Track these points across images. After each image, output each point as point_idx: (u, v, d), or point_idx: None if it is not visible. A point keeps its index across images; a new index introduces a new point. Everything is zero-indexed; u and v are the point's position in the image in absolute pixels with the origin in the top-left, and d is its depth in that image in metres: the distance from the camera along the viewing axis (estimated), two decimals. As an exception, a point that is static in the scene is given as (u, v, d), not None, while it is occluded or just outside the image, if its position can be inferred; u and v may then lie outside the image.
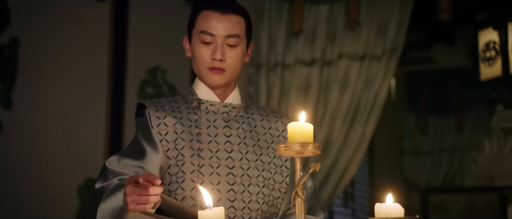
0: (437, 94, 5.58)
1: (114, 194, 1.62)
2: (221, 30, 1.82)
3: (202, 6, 1.87)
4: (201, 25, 1.84)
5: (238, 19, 1.84)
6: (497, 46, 4.60)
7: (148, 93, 3.71)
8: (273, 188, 1.83)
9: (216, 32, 1.82)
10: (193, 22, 1.88)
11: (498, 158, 5.58)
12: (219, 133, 1.83)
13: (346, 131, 3.84)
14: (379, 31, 3.86)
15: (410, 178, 5.63)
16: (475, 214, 5.41)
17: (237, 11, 1.85)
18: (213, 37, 1.82)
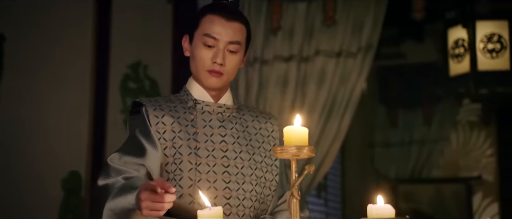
0: (406, 88, 5.68)
1: (124, 195, 1.65)
2: (224, 36, 1.86)
3: (207, 10, 1.90)
4: (205, 28, 1.87)
5: (240, 27, 1.89)
6: (466, 43, 4.70)
7: (130, 88, 3.72)
8: (264, 186, 1.87)
9: (220, 37, 1.86)
10: (197, 23, 1.90)
11: (464, 150, 5.71)
12: (214, 132, 1.86)
13: (322, 125, 3.89)
14: (354, 29, 3.92)
15: (380, 169, 5.73)
16: (442, 204, 5.53)
17: (241, 19, 1.90)
18: (216, 41, 1.86)
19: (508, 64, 4.67)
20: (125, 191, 1.67)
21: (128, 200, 1.63)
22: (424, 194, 5.55)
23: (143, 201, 1.55)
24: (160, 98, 1.95)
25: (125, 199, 1.64)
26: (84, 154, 3.43)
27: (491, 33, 4.68)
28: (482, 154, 5.66)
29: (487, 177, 5.59)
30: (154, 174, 1.80)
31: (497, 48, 4.67)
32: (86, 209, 3.40)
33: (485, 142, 5.67)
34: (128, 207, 1.63)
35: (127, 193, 1.65)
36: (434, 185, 5.60)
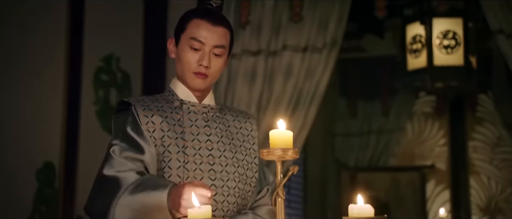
0: (366, 80, 5.77)
1: (149, 192, 1.69)
2: (210, 40, 1.89)
3: (194, 15, 1.93)
4: (192, 32, 1.90)
5: (225, 31, 1.92)
6: (423, 39, 4.82)
7: (102, 80, 3.70)
8: (245, 182, 1.93)
9: (206, 41, 1.89)
10: (184, 27, 1.93)
11: (419, 140, 5.86)
12: (200, 132, 1.90)
13: (288, 117, 3.95)
14: (320, 25, 3.97)
15: (340, 158, 5.83)
16: (398, 191, 5.67)
17: (225, 24, 1.94)
18: (202, 44, 1.89)
19: (462, 59, 4.80)
20: (149, 187, 1.70)
21: (156, 197, 1.67)
22: (381, 182, 5.67)
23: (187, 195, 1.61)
24: (146, 98, 1.98)
25: (151, 196, 1.68)
26: (58, 145, 3.41)
27: (447, 30, 4.81)
28: (435, 143, 5.82)
29: (440, 166, 5.75)
30: (152, 170, 1.83)
31: (452, 44, 4.80)
32: (60, 200, 3.39)
33: (438, 132, 5.83)
34: (156, 204, 1.67)
35: (153, 190, 1.69)
36: (390, 173, 5.74)
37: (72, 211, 3.46)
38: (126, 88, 3.85)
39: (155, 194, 1.68)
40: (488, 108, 5.72)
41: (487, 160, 5.68)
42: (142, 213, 1.69)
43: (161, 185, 1.70)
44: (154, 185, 1.71)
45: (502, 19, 3.81)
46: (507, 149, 5.63)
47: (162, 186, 1.69)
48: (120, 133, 1.90)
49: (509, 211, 5.58)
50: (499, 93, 5.50)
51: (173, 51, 1.99)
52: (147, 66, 3.97)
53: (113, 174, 1.79)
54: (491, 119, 5.70)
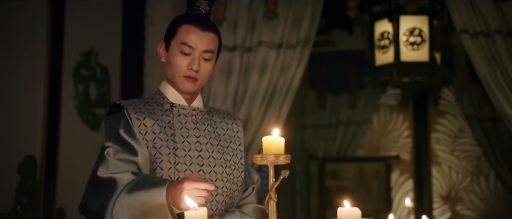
0: (334, 74, 5.85)
1: (148, 190, 1.72)
2: (200, 45, 1.93)
3: (184, 20, 1.97)
4: (182, 37, 1.93)
5: (214, 37, 1.96)
6: (390, 36, 4.91)
7: (82, 75, 3.70)
8: (233, 182, 1.97)
9: (195, 46, 1.93)
10: (174, 32, 1.96)
11: (384, 131, 5.98)
12: (190, 134, 1.94)
13: (263, 111, 4.01)
14: (294, 23, 4.04)
15: (310, 148, 5.91)
16: (364, 180, 5.79)
17: (214, 30, 1.98)
18: (192, 49, 1.93)
19: (427, 56, 4.91)
20: (147, 185, 1.74)
21: (155, 194, 1.71)
22: (348, 171, 5.78)
23: (187, 189, 1.65)
24: (138, 101, 2.00)
25: (150, 193, 1.72)
26: (39, 139, 3.40)
27: (413, 28, 4.90)
28: (400, 135, 5.95)
29: (404, 156, 5.89)
30: (144, 171, 1.87)
31: (417, 41, 4.90)
32: (41, 193, 3.39)
33: (403, 124, 5.96)
34: (156, 200, 1.70)
35: (152, 187, 1.73)
36: (357, 163, 5.84)
37: (53, 203, 3.47)
38: (105, 82, 3.85)
39: (153, 191, 1.72)
40: (450, 101, 5.88)
41: (449, 151, 5.84)
42: (141, 211, 1.72)
43: (159, 182, 1.74)
44: (152, 183, 1.74)
45: (466, 19, 3.93)
46: (467, 140, 5.80)
47: (160, 183, 1.73)
48: (113, 135, 1.92)
49: (468, 199, 5.76)
50: (461, 87, 5.65)
51: (163, 55, 2.02)
52: (125, 61, 3.98)
53: (108, 175, 1.81)
54: (453, 112, 5.86)
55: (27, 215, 3.29)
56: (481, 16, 3.89)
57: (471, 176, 5.77)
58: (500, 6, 3.84)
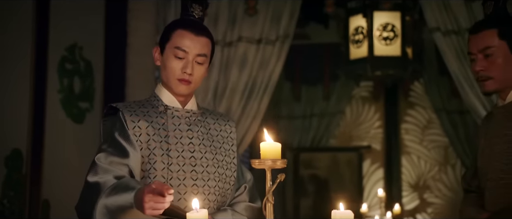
0: (309, 66, 5.93)
1: (120, 194, 1.79)
2: (193, 49, 1.99)
3: (178, 25, 2.03)
4: (176, 41, 1.99)
5: (207, 41, 2.02)
6: (365, 31, 5.01)
7: (66, 69, 3.72)
8: (225, 181, 2.05)
9: (189, 50, 1.99)
10: (168, 37, 2.02)
11: (356, 122, 6.11)
12: (183, 135, 2.01)
13: (243, 105, 4.09)
14: (273, 19, 4.12)
15: (285, 139, 6.00)
16: (337, 170, 5.92)
17: (207, 34, 2.04)
18: (186, 53, 1.99)
19: (399, 50, 5.04)
20: (121, 190, 1.80)
21: (125, 199, 1.78)
22: (322, 161, 5.89)
23: (147, 202, 1.70)
24: (133, 103, 2.06)
25: (122, 197, 1.78)
26: (25, 132, 3.42)
27: (386, 23, 5.02)
28: (371, 126, 6.08)
29: (375, 146, 6.03)
30: (136, 172, 1.93)
31: (390, 36, 5.02)
32: (27, 185, 3.42)
33: (374, 115, 6.08)
34: (125, 205, 1.77)
35: (123, 192, 1.79)
36: (330, 153, 5.95)
37: (39, 195, 3.50)
38: (89, 76, 3.88)
39: (125, 195, 1.80)
40: (419, 94, 6.02)
41: (418, 141, 5.99)
42: (117, 213, 1.80)
43: (131, 187, 1.81)
44: (125, 187, 1.82)
45: (439, 18, 4.06)
46: (436, 131, 5.95)
47: (131, 188, 1.81)
48: (109, 137, 1.99)
49: (435, 188, 5.93)
50: (430, 80, 5.79)
51: (158, 59, 2.07)
52: (108, 55, 4.00)
53: (95, 180, 1.89)
54: (422, 104, 6.01)
55: (14, 208, 3.32)
56: (453, 15, 4.02)
57: (438, 165, 5.93)
58: (470, 6, 3.97)
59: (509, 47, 2.20)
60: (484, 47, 2.20)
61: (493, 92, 2.26)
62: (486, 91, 2.25)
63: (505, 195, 2.14)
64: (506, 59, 2.20)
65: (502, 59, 2.20)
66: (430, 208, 5.89)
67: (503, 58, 2.20)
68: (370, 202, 5.86)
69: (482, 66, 2.21)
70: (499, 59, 2.20)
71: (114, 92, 4.01)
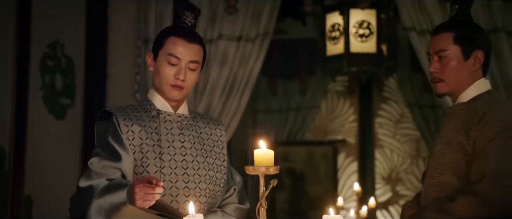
0: (286, 61, 5.99)
1: (113, 192, 1.84)
2: (186, 56, 2.04)
3: (171, 32, 2.07)
4: (169, 48, 2.04)
5: (199, 48, 2.07)
6: (341, 28, 5.09)
7: (48, 66, 3.72)
8: (215, 183, 2.10)
9: (182, 57, 2.04)
10: (162, 43, 2.06)
11: (331, 116, 6.21)
12: (175, 139, 2.05)
13: (223, 101, 4.14)
14: (253, 17, 4.17)
15: (262, 132, 6.07)
16: (313, 163, 6.01)
17: (199, 42, 2.08)
18: (179, 60, 2.04)
19: (374, 47, 5.13)
20: (114, 189, 1.86)
21: (118, 196, 1.83)
22: (298, 154, 5.97)
23: (137, 193, 1.75)
24: (126, 108, 2.09)
25: (115, 195, 1.84)
26: (8, 129, 3.42)
27: (362, 20, 5.10)
28: (346, 120, 6.18)
29: (350, 140, 6.13)
30: (128, 176, 1.97)
31: (366, 33, 5.10)
32: (10, 182, 3.42)
33: (349, 109, 6.19)
34: (119, 201, 1.83)
35: (116, 190, 1.85)
36: (306, 146, 6.04)
37: (21, 192, 3.50)
38: (70, 73, 3.88)
39: (118, 193, 1.86)
40: (393, 89, 6.14)
41: (391, 134, 6.12)
42: (112, 211, 1.85)
43: (123, 185, 1.87)
44: (118, 186, 1.88)
45: (414, 18, 4.15)
46: (408, 125, 6.09)
47: (124, 186, 1.86)
48: (102, 140, 2.03)
49: (407, 180, 6.07)
50: (403, 76, 5.91)
51: (151, 65, 2.11)
52: (89, 51, 4.01)
53: (88, 184, 1.93)
54: (395, 99, 6.13)
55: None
56: (428, 15, 4.12)
57: (410, 158, 6.07)
58: (444, 6, 4.07)
59: (462, 52, 2.22)
60: (439, 50, 2.23)
61: (444, 94, 2.30)
62: (438, 93, 2.29)
63: (435, 193, 2.18)
64: (458, 64, 2.22)
65: (455, 63, 2.21)
66: (402, 200, 6.02)
67: (456, 63, 2.21)
68: (345, 194, 5.97)
69: (435, 68, 2.25)
70: (452, 62, 2.22)
71: (95, 88, 4.02)
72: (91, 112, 3.98)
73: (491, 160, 2.04)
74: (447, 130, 2.23)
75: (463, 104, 2.23)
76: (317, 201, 5.81)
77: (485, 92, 2.23)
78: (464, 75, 2.23)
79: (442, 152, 2.20)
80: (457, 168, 2.14)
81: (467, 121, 2.17)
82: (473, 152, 2.11)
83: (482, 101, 2.19)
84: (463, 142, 2.14)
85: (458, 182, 2.14)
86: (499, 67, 3.94)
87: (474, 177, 2.06)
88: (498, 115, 2.12)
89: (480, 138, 2.10)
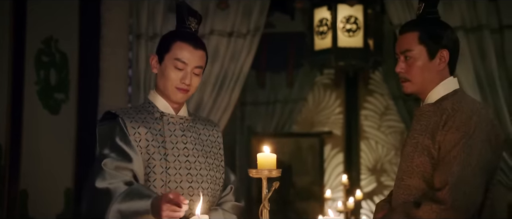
0: (274, 54, 6.05)
1: (136, 200, 1.92)
2: (192, 61, 2.10)
3: (177, 38, 2.12)
4: (176, 53, 2.09)
5: (203, 54, 2.14)
6: (329, 23, 5.17)
7: (43, 61, 3.74)
8: (215, 183, 2.17)
9: (188, 62, 2.10)
10: (168, 48, 2.11)
11: (318, 108, 6.29)
12: (178, 140, 2.11)
13: (214, 96, 4.19)
14: (244, 14, 4.22)
15: (250, 124, 6.13)
16: (300, 154, 6.09)
17: (203, 47, 2.15)
18: (185, 65, 2.10)
19: (361, 42, 5.22)
20: (135, 196, 1.92)
21: (141, 205, 1.90)
22: (286, 146, 6.04)
23: (164, 210, 1.83)
24: (130, 110, 2.14)
25: (138, 203, 1.91)
26: (4, 125, 3.45)
27: (349, 16, 5.19)
28: (332, 112, 6.26)
29: (336, 132, 6.22)
30: (140, 177, 2.03)
31: (353, 28, 5.20)
32: (6, 176, 3.45)
33: (335, 102, 6.27)
34: (141, 211, 1.90)
35: (139, 199, 1.92)
36: (293, 138, 6.12)
37: (17, 186, 3.54)
38: (64, 68, 3.91)
39: (141, 202, 1.92)
40: (378, 82, 6.23)
41: (376, 126, 6.22)
42: (135, 216, 1.91)
43: (146, 195, 1.93)
44: (140, 194, 1.94)
45: (401, 15, 4.23)
46: (393, 117, 6.18)
47: (146, 196, 1.93)
48: (108, 142, 2.06)
49: (392, 171, 6.17)
50: (388, 69, 5.99)
51: (156, 67, 2.16)
52: (82, 47, 4.04)
53: (105, 186, 1.97)
54: (381, 91, 6.22)
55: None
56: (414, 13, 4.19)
57: (395, 150, 6.17)
58: (430, 4, 4.15)
59: (428, 52, 2.15)
60: (405, 50, 2.17)
61: (411, 94, 2.24)
62: (405, 92, 2.23)
63: (403, 196, 2.17)
64: (424, 64, 2.15)
65: (420, 63, 2.15)
66: (386, 190, 6.13)
67: (422, 62, 2.15)
68: (331, 185, 6.07)
69: (401, 68, 2.19)
70: (417, 62, 2.15)
71: (89, 83, 4.05)
72: (84, 106, 4.02)
73: (453, 166, 2.02)
74: (415, 131, 2.19)
75: (430, 105, 2.18)
76: (304, 192, 5.90)
77: (451, 92, 2.18)
78: (430, 75, 2.16)
79: (410, 155, 2.17)
80: (425, 172, 2.12)
81: (433, 124, 2.13)
82: (438, 157, 2.08)
83: (448, 103, 2.14)
84: (429, 146, 2.10)
85: (426, 185, 2.12)
86: (483, 64, 4.04)
87: (437, 184, 2.05)
88: (461, 118, 2.08)
89: (444, 143, 2.07)
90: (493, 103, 4.00)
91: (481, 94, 3.99)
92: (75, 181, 3.95)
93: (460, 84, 3.89)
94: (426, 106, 2.19)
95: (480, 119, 2.09)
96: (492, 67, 4.03)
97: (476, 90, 3.99)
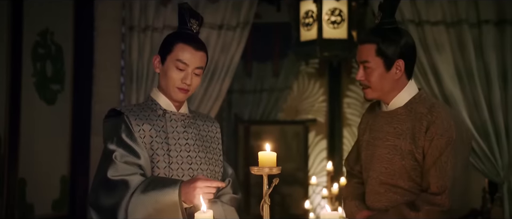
0: (260, 44, 6.13)
1: (160, 189, 2.01)
2: (193, 62, 2.18)
3: (179, 39, 2.20)
4: (178, 54, 2.17)
5: (204, 55, 2.22)
6: (314, 15, 5.25)
7: (39, 53, 3.78)
8: (215, 177, 2.27)
9: (190, 63, 2.18)
10: (170, 49, 2.19)
11: (302, 96, 6.40)
12: (180, 136, 2.20)
13: (205, 87, 4.26)
14: (234, 7, 4.29)
15: (237, 112, 6.22)
16: (285, 141, 6.21)
17: (204, 49, 2.23)
18: (187, 66, 2.18)
19: (345, 33, 5.32)
20: (159, 185, 2.02)
21: (167, 191, 2.00)
22: (271, 133, 6.15)
23: (200, 187, 1.97)
24: (134, 107, 2.22)
25: (162, 191, 2.00)
26: (2, 115, 3.49)
27: (334, 8, 5.27)
28: (316, 100, 6.38)
29: (320, 119, 6.34)
30: (147, 172, 2.12)
31: (338, 20, 5.28)
32: (5, 165, 3.51)
33: (319, 90, 6.38)
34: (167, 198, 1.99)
35: (163, 186, 2.01)
36: (279, 126, 6.23)
37: (16, 174, 3.60)
38: (59, 60, 3.96)
39: (166, 191, 2.01)
40: (360, 71, 6.34)
41: (358, 114, 6.33)
42: (154, 208, 1.99)
43: (171, 182, 2.03)
44: (163, 183, 2.03)
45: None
46: (374, 105, 6.31)
47: (173, 183, 2.03)
48: (114, 138, 2.14)
49: (373, 157, 6.32)
50: (371, 59, 6.10)
51: (158, 67, 2.24)
52: (77, 39, 4.08)
53: (120, 177, 2.05)
54: (363, 80, 6.33)
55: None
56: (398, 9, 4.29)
57: (376, 137, 6.31)
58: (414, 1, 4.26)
59: (384, 64, 2.23)
60: (363, 60, 2.28)
61: (372, 99, 2.35)
62: (366, 98, 2.32)
63: (383, 195, 2.28)
64: (381, 74, 2.24)
65: (378, 73, 2.24)
66: (368, 175, 6.28)
67: (379, 73, 2.24)
68: (315, 170, 6.21)
69: (361, 75, 2.29)
70: (375, 72, 2.25)
71: (83, 74, 4.11)
72: (79, 96, 4.08)
73: (448, 171, 2.17)
74: (387, 134, 2.28)
75: (401, 109, 2.28)
76: (289, 178, 6.03)
77: (417, 95, 2.29)
78: (388, 84, 2.25)
79: (388, 157, 2.26)
80: (411, 172, 2.24)
81: (412, 129, 2.23)
82: (426, 162, 2.21)
83: (420, 107, 2.24)
84: (413, 150, 2.22)
85: (413, 183, 2.25)
86: (462, 58, 4.15)
87: (435, 189, 2.18)
88: (443, 124, 2.19)
89: (431, 149, 2.19)
90: (471, 94, 4.12)
91: (460, 86, 4.11)
92: (70, 168, 4.01)
93: (440, 76, 4.07)
94: (398, 110, 2.29)
95: (456, 122, 2.24)
96: (471, 60, 4.15)
97: (455, 82, 4.11)
